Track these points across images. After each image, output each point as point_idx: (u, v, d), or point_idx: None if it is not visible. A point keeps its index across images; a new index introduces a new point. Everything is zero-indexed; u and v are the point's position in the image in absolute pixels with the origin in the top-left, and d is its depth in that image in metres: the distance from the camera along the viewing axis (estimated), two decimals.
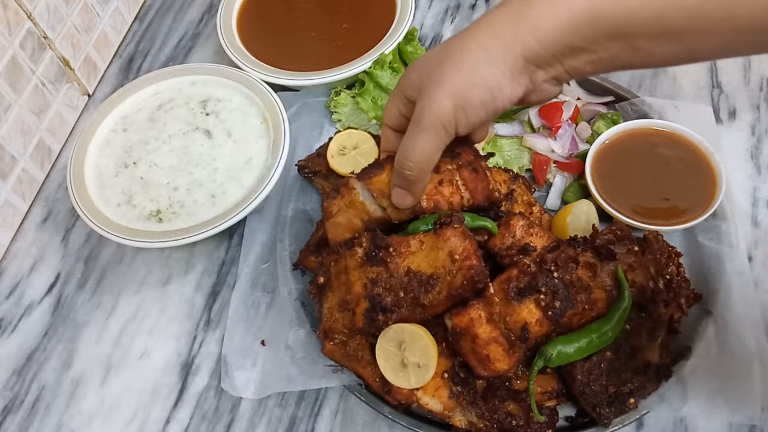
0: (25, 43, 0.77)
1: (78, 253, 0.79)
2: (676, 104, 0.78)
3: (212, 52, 0.96)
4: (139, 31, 0.99)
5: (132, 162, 0.78)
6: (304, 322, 0.66)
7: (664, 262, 0.61)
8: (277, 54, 0.88)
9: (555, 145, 0.77)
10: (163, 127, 0.80)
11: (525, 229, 0.62)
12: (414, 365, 0.58)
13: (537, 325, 0.56)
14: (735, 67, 0.87)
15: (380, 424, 0.65)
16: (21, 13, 0.76)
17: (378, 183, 0.60)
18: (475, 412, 0.59)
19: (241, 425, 0.66)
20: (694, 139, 0.73)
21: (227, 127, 0.80)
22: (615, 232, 0.62)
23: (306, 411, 0.67)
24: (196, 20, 1.00)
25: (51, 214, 0.82)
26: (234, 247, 0.78)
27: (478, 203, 0.61)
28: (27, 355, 0.72)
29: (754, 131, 0.82)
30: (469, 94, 0.51)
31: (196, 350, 0.71)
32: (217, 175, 0.76)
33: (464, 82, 0.51)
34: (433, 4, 0.99)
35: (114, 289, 0.76)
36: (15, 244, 0.80)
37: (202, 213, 0.74)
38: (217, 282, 0.75)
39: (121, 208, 0.75)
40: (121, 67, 0.95)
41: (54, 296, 0.76)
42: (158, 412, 0.68)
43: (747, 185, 0.78)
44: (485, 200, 0.61)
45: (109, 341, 0.72)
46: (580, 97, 0.81)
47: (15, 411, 0.68)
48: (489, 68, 0.51)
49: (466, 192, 0.60)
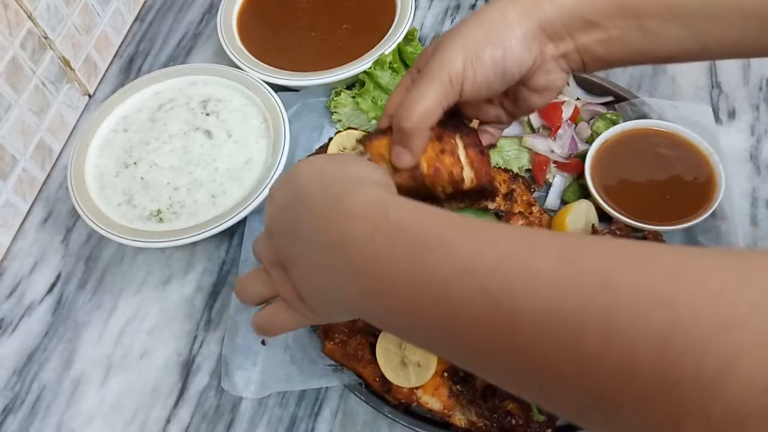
0: (25, 44, 0.78)
1: (78, 253, 0.79)
2: (675, 104, 0.78)
3: (212, 53, 0.96)
4: (140, 31, 0.99)
5: (132, 162, 0.78)
6: None
7: None
8: (277, 54, 0.88)
9: (555, 145, 0.78)
10: (164, 127, 0.81)
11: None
12: (414, 364, 0.58)
13: None
14: (734, 67, 0.87)
15: (380, 424, 0.65)
16: (21, 13, 0.77)
17: (378, 147, 0.56)
18: (474, 411, 0.59)
19: (241, 424, 0.66)
20: (694, 139, 0.73)
21: (227, 127, 0.80)
22: (614, 231, 0.62)
23: (306, 410, 0.67)
24: (196, 21, 1.00)
25: (52, 214, 0.82)
26: (234, 247, 0.78)
27: (480, 184, 0.58)
28: (28, 354, 0.72)
29: (753, 131, 0.82)
30: (481, 50, 0.51)
31: (197, 350, 0.71)
32: (217, 175, 0.76)
33: (478, 39, 0.52)
34: (433, 4, 0.99)
35: (114, 289, 0.76)
36: (16, 244, 0.80)
37: (203, 213, 0.74)
38: (217, 282, 0.76)
39: (121, 208, 0.75)
40: (121, 67, 0.96)
41: (55, 296, 0.76)
42: (159, 412, 0.68)
43: (746, 185, 0.78)
44: (489, 184, 0.59)
45: (109, 341, 0.72)
46: (580, 97, 0.82)
47: (15, 411, 0.69)
48: (504, 29, 0.52)
49: (471, 171, 0.58)
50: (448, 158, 0.57)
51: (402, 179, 0.56)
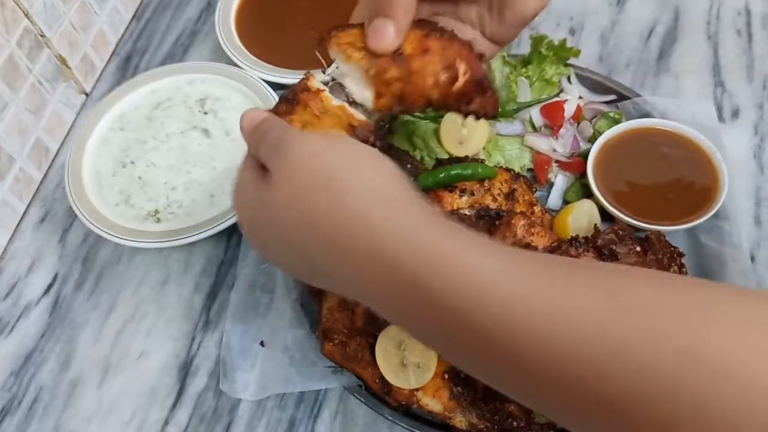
0: (22, 42, 0.77)
1: (76, 253, 0.78)
2: (678, 103, 0.78)
3: (210, 51, 0.95)
4: (137, 29, 0.98)
5: (130, 161, 0.77)
6: (303, 322, 0.66)
7: (667, 263, 0.60)
8: (275, 52, 0.87)
9: (557, 144, 0.77)
10: (161, 126, 0.80)
11: (526, 228, 0.61)
12: (414, 365, 0.58)
13: None
14: (738, 66, 0.87)
15: (380, 426, 0.65)
16: (18, 11, 0.76)
17: (347, 37, 0.46)
18: (475, 413, 0.58)
19: (240, 426, 0.66)
20: (697, 138, 0.73)
21: (226, 126, 0.80)
22: (617, 231, 0.62)
23: (305, 412, 0.66)
24: (194, 18, 0.99)
25: (48, 214, 0.81)
26: (233, 248, 0.77)
27: (475, 78, 0.47)
28: (25, 356, 0.71)
29: (757, 130, 0.81)
30: None
31: (195, 351, 0.71)
32: (215, 175, 0.76)
33: None
34: None
35: (112, 290, 0.75)
36: (12, 244, 0.79)
37: (201, 213, 0.73)
38: (215, 282, 0.75)
39: (119, 207, 0.74)
40: (118, 65, 0.95)
41: (52, 297, 0.75)
42: (156, 413, 0.67)
43: (750, 185, 0.77)
44: (483, 78, 0.47)
45: (107, 342, 0.72)
46: (582, 96, 0.81)
47: (13, 412, 0.68)
48: None
49: (462, 64, 0.46)
50: (434, 43, 0.45)
51: (378, 79, 0.43)
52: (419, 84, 0.44)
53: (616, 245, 0.60)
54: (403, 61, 0.42)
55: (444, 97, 0.46)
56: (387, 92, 0.43)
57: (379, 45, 0.43)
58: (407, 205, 0.38)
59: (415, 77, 0.43)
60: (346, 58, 0.43)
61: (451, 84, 0.45)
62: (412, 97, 0.45)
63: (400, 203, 0.38)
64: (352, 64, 0.44)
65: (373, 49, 0.43)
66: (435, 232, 0.36)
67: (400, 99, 0.44)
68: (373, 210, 0.37)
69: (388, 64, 0.43)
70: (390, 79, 0.43)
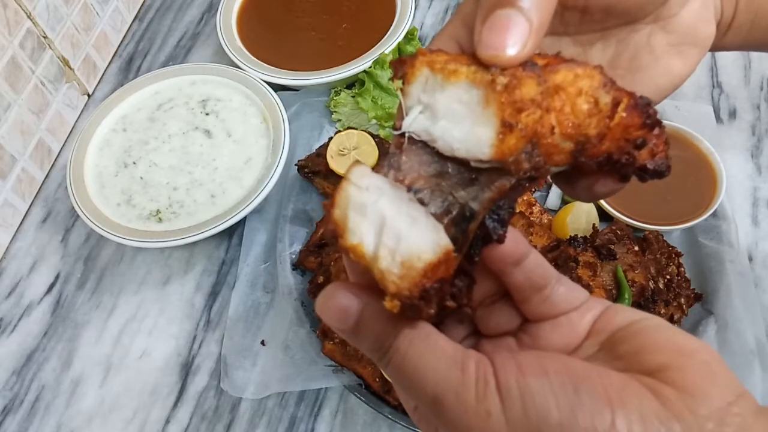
0: (24, 43, 0.77)
1: (78, 253, 0.78)
2: (676, 104, 0.78)
3: (212, 52, 0.95)
4: (139, 30, 0.99)
5: (132, 162, 0.78)
6: (304, 322, 0.66)
7: (665, 262, 0.61)
8: (276, 54, 0.88)
9: None
10: (163, 126, 0.80)
11: (525, 228, 0.62)
12: None
13: None
14: (735, 67, 0.87)
15: (380, 424, 0.65)
16: (21, 12, 0.76)
17: (443, 56, 0.28)
18: None
19: (240, 425, 0.66)
20: (695, 138, 0.73)
21: (227, 126, 0.80)
22: (615, 231, 0.62)
23: (306, 411, 0.66)
24: (195, 20, 1.00)
25: (51, 214, 0.82)
26: (234, 247, 0.77)
27: (640, 103, 0.29)
28: (27, 355, 0.72)
29: (754, 131, 0.82)
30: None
31: (196, 350, 0.71)
32: (216, 175, 0.76)
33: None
34: (433, 4, 0.99)
35: (114, 289, 0.76)
36: (15, 244, 0.80)
37: (202, 213, 0.73)
38: (216, 282, 0.75)
39: (120, 207, 0.75)
40: (120, 66, 0.95)
41: (54, 296, 0.76)
42: (158, 412, 0.68)
43: (747, 185, 0.77)
44: (650, 103, 0.30)
45: (108, 341, 0.72)
46: None
47: (15, 411, 0.68)
48: None
49: (616, 83, 0.28)
50: (570, 62, 0.28)
51: (507, 98, 0.26)
52: (567, 111, 0.27)
53: (614, 245, 0.60)
54: (541, 71, 0.27)
55: (601, 138, 0.28)
56: (516, 125, 0.26)
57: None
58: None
59: (561, 99, 0.27)
60: (446, 77, 0.27)
61: (614, 110, 0.28)
62: (552, 140, 0.27)
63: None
64: (457, 83, 0.27)
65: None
66: None
67: (533, 141, 0.27)
68: None
69: (521, 74, 0.26)
70: (523, 101, 0.26)
